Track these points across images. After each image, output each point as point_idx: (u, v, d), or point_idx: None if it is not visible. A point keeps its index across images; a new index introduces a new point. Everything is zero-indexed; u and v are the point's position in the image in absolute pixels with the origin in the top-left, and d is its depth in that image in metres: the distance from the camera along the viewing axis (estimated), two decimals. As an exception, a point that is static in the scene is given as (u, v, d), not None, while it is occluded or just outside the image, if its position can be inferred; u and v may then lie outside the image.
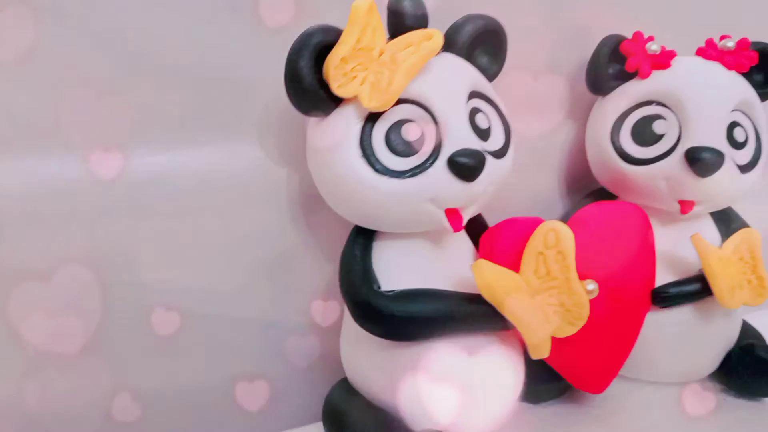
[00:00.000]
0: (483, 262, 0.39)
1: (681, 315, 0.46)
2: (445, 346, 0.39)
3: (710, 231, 0.48)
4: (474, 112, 0.38)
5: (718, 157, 0.42)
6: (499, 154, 0.39)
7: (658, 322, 0.45)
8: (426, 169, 0.35)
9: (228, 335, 0.43)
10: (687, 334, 0.46)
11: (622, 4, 0.51)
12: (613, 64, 0.47)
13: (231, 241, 0.42)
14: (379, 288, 0.38)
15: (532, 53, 0.49)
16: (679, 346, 0.46)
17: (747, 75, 0.46)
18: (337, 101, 0.36)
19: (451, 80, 0.37)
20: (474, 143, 0.36)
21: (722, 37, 0.46)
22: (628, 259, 0.44)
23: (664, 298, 0.45)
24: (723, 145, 0.43)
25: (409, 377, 0.39)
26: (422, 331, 0.38)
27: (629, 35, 0.47)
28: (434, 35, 0.35)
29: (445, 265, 0.40)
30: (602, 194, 0.49)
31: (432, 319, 0.38)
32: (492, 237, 0.43)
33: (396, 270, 0.39)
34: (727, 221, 0.49)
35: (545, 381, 0.45)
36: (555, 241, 0.39)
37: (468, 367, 0.39)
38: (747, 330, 0.50)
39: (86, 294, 0.38)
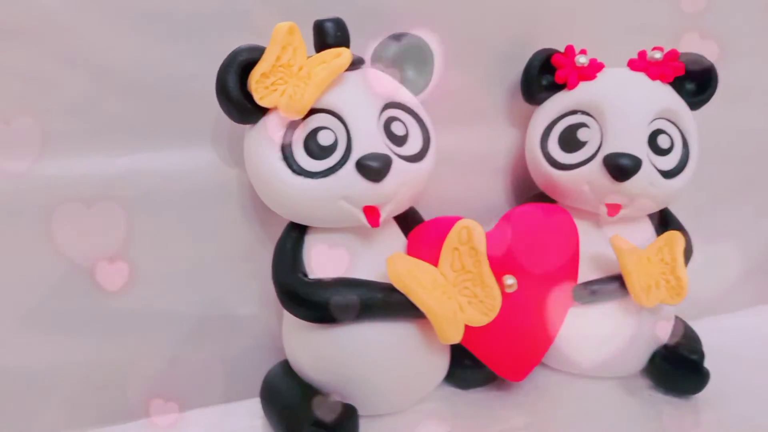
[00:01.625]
0: (397, 254, 0.43)
1: (606, 311, 0.48)
2: (367, 330, 0.43)
3: (648, 233, 0.51)
4: (390, 120, 0.43)
5: (634, 163, 0.45)
6: (415, 158, 0.43)
7: (583, 318, 0.48)
8: (337, 170, 0.40)
9: (183, 320, 0.49)
10: (611, 331, 0.48)
11: (570, 18, 0.54)
12: (546, 75, 0.50)
13: (188, 233, 0.48)
14: (306, 276, 0.43)
15: (481, 64, 0.53)
16: (603, 342, 0.49)
17: (679, 85, 0.48)
18: (264, 111, 0.41)
19: (364, 92, 0.42)
20: (382, 148, 0.40)
21: (654, 49, 0.48)
22: (549, 257, 0.47)
23: (584, 294, 0.47)
24: (642, 152, 0.46)
25: (333, 358, 0.44)
26: (339, 316, 0.42)
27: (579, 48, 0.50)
28: (343, 53, 0.40)
29: (374, 258, 0.44)
30: (542, 197, 0.52)
31: (348, 305, 0.42)
32: (419, 233, 0.47)
33: (325, 261, 0.44)
34: (664, 223, 0.51)
35: (473, 367, 0.48)
36: (468, 237, 0.43)
37: (390, 350, 0.44)
38: (681, 329, 0.52)
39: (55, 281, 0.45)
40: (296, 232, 0.44)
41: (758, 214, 0.65)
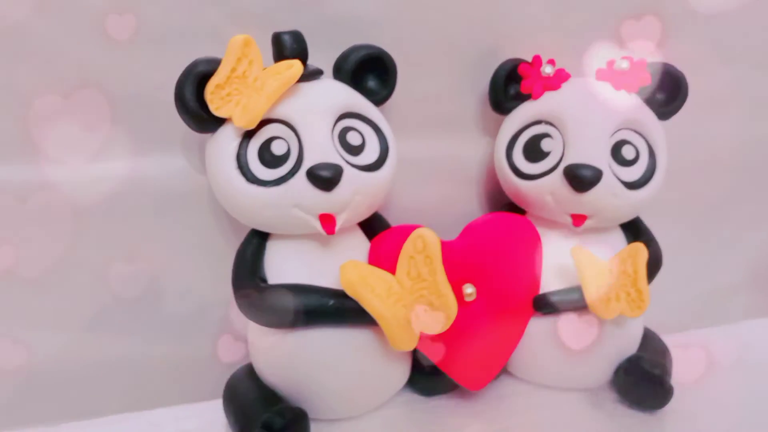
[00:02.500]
0: (351, 262, 0.43)
1: (568, 322, 0.48)
2: (324, 335, 0.44)
3: (620, 243, 0.50)
4: (346, 130, 0.43)
5: (594, 174, 0.44)
6: (372, 167, 0.44)
7: (546, 328, 0.48)
8: (288, 179, 0.41)
9: (156, 322, 0.51)
10: (573, 342, 0.48)
11: (545, 27, 0.53)
12: (514, 85, 0.50)
13: (160, 238, 0.50)
14: (264, 282, 0.44)
15: (453, 73, 0.53)
16: (566, 352, 0.48)
17: (647, 94, 0.48)
18: (222, 121, 0.42)
19: (318, 102, 0.42)
20: (333, 158, 0.41)
21: (623, 58, 0.48)
22: (511, 267, 0.48)
23: (545, 304, 0.47)
24: (604, 163, 0.45)
25: (290, 362, 0.45)
26: (293, 321, 0.43)
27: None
28: (294, 65, 0.41)
29: (335, 265, 0.44)
30: (513, 207, 0.52)
31: (301, 310, 0.43)
32: (380, 241, 0.48)
33: (285, 267, 0.45)
34: (636, 234, 0.51)
35: (434, 374, 0.48)
36: (422, 246, 0.44)
37: (346, 356, 0.44)
38: (648, 342, 0.51)
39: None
40: (258, 239, 0.46)
41: (745, 227, 0.64)
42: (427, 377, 0.49)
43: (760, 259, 0.64)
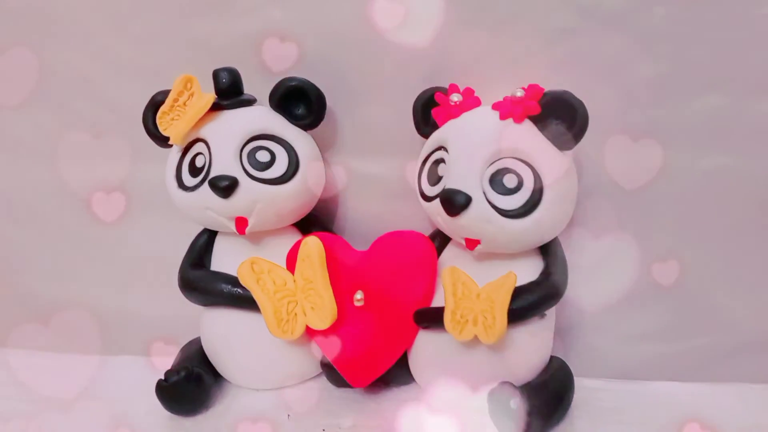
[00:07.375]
0: (251, 258, 0.53)
1: (449, 340, 0.49)
2: (233, 315, 0.54)
3: (535, 269, 0.51)
4: (256, 149, 0.52)
5: (461, 199, 0.46)
6: (277, 181, 0.52)
7: (430, 342, 0.51)
8: (198, 187, 0.52)
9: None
10: (450, 358, 0.50)
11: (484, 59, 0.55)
12: (435, 111, 0.53)
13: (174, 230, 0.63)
14: (199, 268, 0.56)
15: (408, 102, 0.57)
16: (447, 369, 0.50)
17: (548, 123, 0.47)
18: (175, 139, 0.55)
19: (230, 125, 0.52)
20: (232, 171, 0.51)
21: (528, 86, 0.48)
22: (400, 280, 0.52)
23: (419, 319, 0.50)
24: (477, 189, 0.46)
25: (205, 333, 0.57)
26: (205, 300, 0.55)
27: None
28: (206, 97, 0.51)
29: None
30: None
31: (209, 293, 0.54)
32: (297, 244, 0.55)
33: (224, 259, 0.56)
34: (547, 262, 0.50)
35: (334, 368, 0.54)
36: (307, 252, 0.51)
37: (242, 335, 0.54)
38: (552, 377, 0.50)
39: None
40: (207, 233, 0.57)
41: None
42: (330, 369, 0.55)
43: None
